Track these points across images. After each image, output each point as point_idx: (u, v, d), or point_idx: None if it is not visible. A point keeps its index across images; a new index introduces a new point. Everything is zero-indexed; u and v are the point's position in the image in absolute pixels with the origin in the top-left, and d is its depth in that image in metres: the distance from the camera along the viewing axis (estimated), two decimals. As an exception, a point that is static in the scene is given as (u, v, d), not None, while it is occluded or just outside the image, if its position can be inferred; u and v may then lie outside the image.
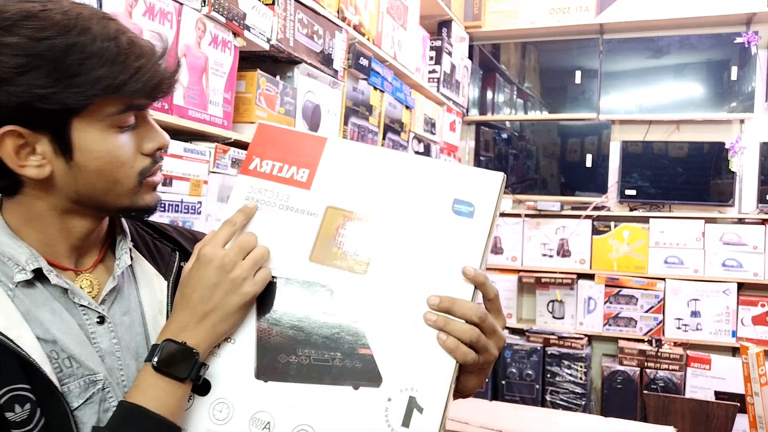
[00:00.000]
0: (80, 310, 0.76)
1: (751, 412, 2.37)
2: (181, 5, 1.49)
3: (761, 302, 3.31)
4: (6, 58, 0.65)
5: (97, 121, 0.71)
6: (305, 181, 0.76)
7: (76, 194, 0.74)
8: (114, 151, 0.72)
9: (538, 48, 3.92)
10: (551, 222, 3.70)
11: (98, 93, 0.68)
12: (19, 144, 0.69)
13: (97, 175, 0.73)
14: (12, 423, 0.65)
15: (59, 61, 0.66)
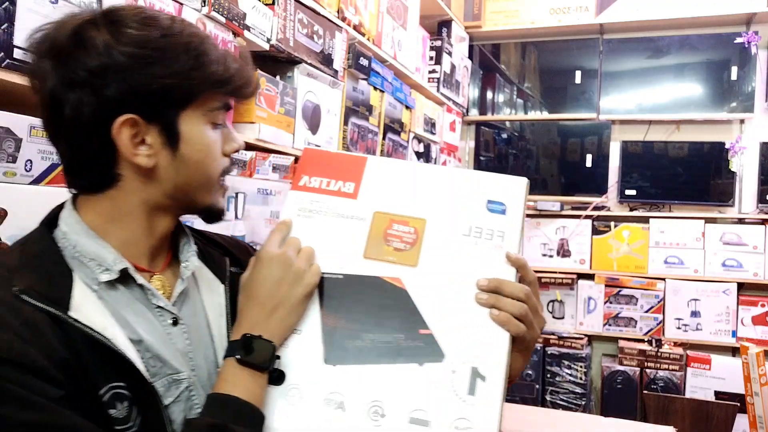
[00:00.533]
0: (156, 311, 0.78)
1: (751, 412, 2.37)
2: (181, 5, 1.49)
3: (761, 302, 3.31)
4: (132, 50, 0.69)
5: (201, 114, 0.76)
6: (352, 193, 0.85)
7: (174, 188, 0.76)
8: (211, 146, 0.77)
9: (538, 48, 3.92)
10: (551, 222, 3.70)
11: (208, 87, 0.74)
12: (132, 133, 0.72)
13: (195, 168, 0.76)
14: (114, 419, 0.68)
15: (177, 57, 0.71)
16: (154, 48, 0.71)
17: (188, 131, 0.75)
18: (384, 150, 2.59)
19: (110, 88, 0.69)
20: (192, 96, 0.74)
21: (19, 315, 0.65)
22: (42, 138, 1.17)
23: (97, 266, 0.74)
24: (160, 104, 0.72)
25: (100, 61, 0.69)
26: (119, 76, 0.69)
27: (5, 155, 1.10)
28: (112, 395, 0.68)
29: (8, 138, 1.10)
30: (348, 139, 2.29)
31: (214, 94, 0.76)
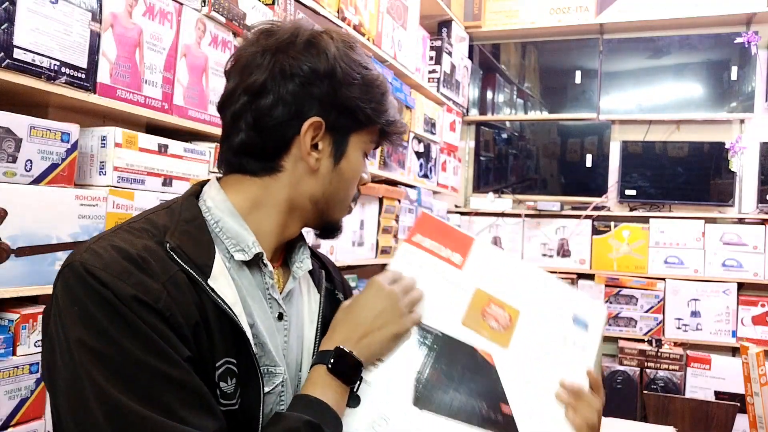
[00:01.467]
0: (269, 303, 0.82)
1: (751, 412, 2.37)
2: (181, 5, 1.49)
3: (761, 302, 3.31)
4: (349, 68, 0.81)
5: (363, 142, 0.85)
6: (459, 264, 0.93)
7: (321, 194, 0.84)
8: (359, 170, 0.87)
9: (538, 48, 3.92)
10: (551, 222, 3.70)
11: (380, 122, 0.84)
12: (313, 135, 0.80)
13: (345, 183, 0.85)
14: (222, 393, 0.72)
15: (372, 89, 0.83)
16: (361, 75, 0.82)
17: (351, 151, 0.84)
18: (384, 150, 2.59)
19: (319, 89, 0.79)
20: (367, 124, 0.84)
21: (167, 270, 0.70)
22: (42, 138, 1.17)
23: (233, 245, 0.79)
24: (344, 120, 0.82)
25: (326, 65, 0.79)
26: (331, 83, 0.80)
27: (5, 155, 1.10)
28: (225, 369, 0.72)
29: (8, 138, 1.10)
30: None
31: (376, 128, 0.86)
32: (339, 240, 2.28)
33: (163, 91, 1.46)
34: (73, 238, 1.21)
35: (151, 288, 0.67)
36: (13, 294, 1.11)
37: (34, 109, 1.25)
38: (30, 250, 1.13)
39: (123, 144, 1.32)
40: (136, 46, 1.38)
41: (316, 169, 0.82)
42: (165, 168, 1.43)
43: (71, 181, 1.23)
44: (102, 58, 1.29)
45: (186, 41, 1.51)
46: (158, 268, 0.70)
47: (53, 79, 1.18)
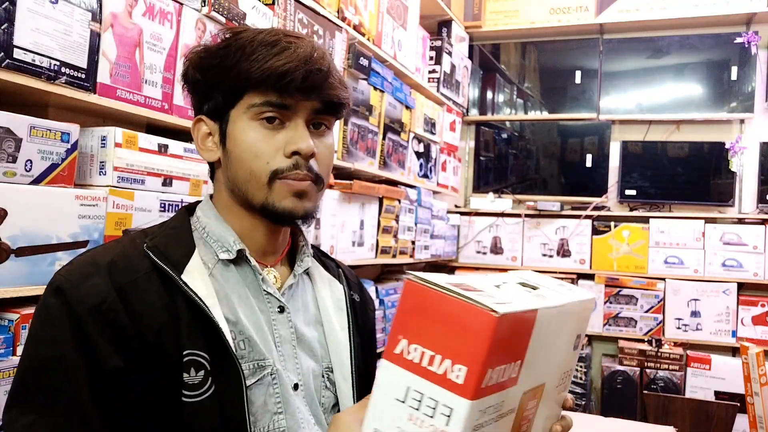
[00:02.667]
0: (265, 297, 0.85)
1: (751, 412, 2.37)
2: (181, 5, 1.49)
3: (761, 302, 3.31)
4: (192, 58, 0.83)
5: (242, 112, 0.81)
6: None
7: (229, 180, 0.84)
8: (253, 142, 0.81)
9: (538, 48, 3.92)
10: (551, 222, 3.70)
11: (247, 84, 0.79)
12: (206, 132, 0.85)
13: (238, 161, 0.81)
14: (184, 383, 0.73)
15: (226, 58, 0.80)
16: (213, 56, 0.81)
17: (234, 128, 0.82)
18: (384, 150, 2.59)
19: (189, 91, 0.86)
20: (235, 94, 0.80)
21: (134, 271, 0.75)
22: (42, 138, 1.17)
23: (219, 246, 0.83)
24: (209, 104, 0.83)
25: (186, 68, 0.84)
26: (186, 81, 0.85)
27: (5, 155, 1.10)
28: (189, 361, 0.74)
29: (8, 138, 1.10)
30: (348, 139, 2.29)
31: (255, 91, 0.79)
32: (339, 240, 2.27)
33: (163, 91, 1.46)
34: (73, 238, 1.21)
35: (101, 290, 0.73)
36: (13, 294, 1.11)
37: (34, 109, 1.25)
38: (30, 250, 1.13)
39: (123, 144, 1.32)
40: (136, 46, 1.38)
41: (215, 159, 0.85)
42: (165, 168, 1.43)
43: (71, 181, 1.23)
44: (102, 58, 1.29)
45: (186, 41, 1.51)
46: (123, 271, 0.75)
47: (53, 79, 1.18)
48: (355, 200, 2.39)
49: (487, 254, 3.81)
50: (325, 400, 0.88)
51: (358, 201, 2.41)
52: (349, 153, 2.30)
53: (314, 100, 0.81)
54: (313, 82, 0.80)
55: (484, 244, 3.81)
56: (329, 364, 0.90)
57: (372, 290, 2.60)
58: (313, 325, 0.90)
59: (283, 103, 0.80)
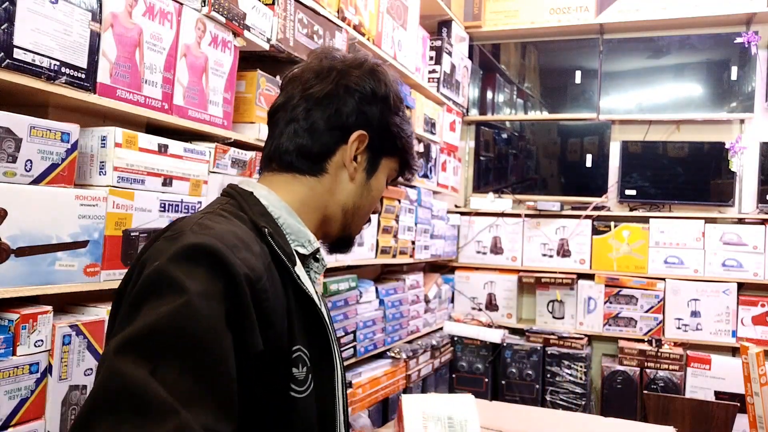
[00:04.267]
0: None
1: (751, 412, 2.37)
2: (181, 5, 1.49)
3: (761, 302, 3.31)
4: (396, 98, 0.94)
5: (390, 167, 0.96)
6: None
7: (353, 204, 0.92)
8: (381, 191, 0.97)
9: (538, 48, 3.92)
10: (551, 222, 3.70)
11: (408, 154, 0.96)
12: (356, 147, 0.90)
13: (371, 199, 0.94)
14: (294, 378, 0.75)
15: (406, 122, 0.96)
16: (402, 109, 0.96)
17: (380, 172, 0.95)
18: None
19: (372, 109, 0.91)
20: (397, 153, 0.95)
21: (265, 254, 0.76)
22: (42, 138, 1.17)
23: (293, 240, 0.85)
24: (382, 142, 0.93)
25: (384, 91, 0.92)
26: (383, 107, 0.92)
27: (5, 155, 1.10)
28: (298, 356, 0.76)
29: (8, 138, 1.10)
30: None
31: (401, 162, 0.97)
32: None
33: (163, 91, 1.46)
34: (73, 238, 1.21)
35: (257, 267, 0.71)
36: (13, 294, 1.11)
37: (34, 109, 1.24)
38: (30, 250, 1.13)
39: (123, 144, 1.32)
40: (136, 46, 1.38)
41: (354, 178, 0.92)
42: (165, 168, 1.43)
43: (71, 181, 1.23)
44: (102, 58, 1.29)
45: (186, 41, 1.51)
46: (262, 256, 0.75)
47: (53, 79, 1.18)
48: (355, 200, 2.38)
49: (487, 254, 3.81)
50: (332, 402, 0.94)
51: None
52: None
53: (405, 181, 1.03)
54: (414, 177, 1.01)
55: (484, 244, 3.81)
56: None
57: (372, 290, 2.60)
58: None
59: (397, 179, 1.00)
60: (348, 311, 2.34)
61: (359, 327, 2.43)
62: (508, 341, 3.51)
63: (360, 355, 2.44)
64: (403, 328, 2.85)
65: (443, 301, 3.53)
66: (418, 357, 2.93)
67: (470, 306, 3.74)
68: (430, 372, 3.10)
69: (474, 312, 3.72)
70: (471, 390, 3.45)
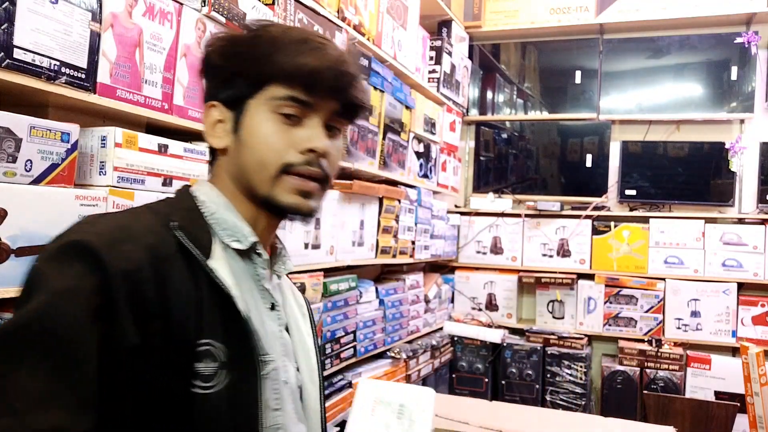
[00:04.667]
0: (261, 293, 0.85)
1: (751, 412, 2.37)
2: (181, 5, 1.49)
3: (761, 302, 3.31)
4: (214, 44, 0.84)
5: (265, 104, 0.81)
6: None
7: (237, 168, 0.83)
8: (264, 134, 0.81)
9: (538, 48, 3.92)
10: (551, 222, 3.70)
11: (272, 78, 0.79)
12: (218, 118, 0.84)
13: (248, 150, 0.81)
14: (196, 373, 0.71)
15: (254, 49, 0.80)
16: (241, 43, 0.82)
17: (250, 118, 0.81)
18: (384, 150, 2.59)
19: (206, 76, 0.86)
20: (258, 84, 0.80)
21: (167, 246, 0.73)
22: (42, 138, 1.17)
23: (228, 235, 0.81)
24: (227, 92, 0.83)
25: (206, 51, 0.85)
26: (206, 66, 0.86)
27: (5, 155, 1.10)
28: (205, 351, 0.72)
29: (8, 138, 1.10)
30: (348, 139, 2.29)
31: (281, 84, 0.80)
32: (339, 240, 2.27)
33: (163, 91, 1.46)
34: (73, 238, 1.21)
35: (138, 258, 0.69)
36: (14, 294, 1.11)
37: (34, 109, 1.24)
38: (30, 250, 1.13)
39: (123, 144, 1.32)
40: (136, 46, 1.38)
41: (223, 147, 0.84)
42: (165, 168, 1.43)
43: (71, 181, 1.23)
44: (102, 58, 1.29)
45: (186, 41, 1.51)
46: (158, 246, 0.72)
47: (53, 79, 1.18)
48: (355, 200, 2.39)
49: (487, 254, 3.81)
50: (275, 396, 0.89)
51: (358, 201, 2.41)
52: (349, 153, 2.30)
53: (336, 101, 0.82)
54: (339, 84, 0.81)
55: (484, 244, 3.81)
56: (297, 366, 0.91)
57: (372, 290, 2.60)
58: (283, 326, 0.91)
59: (306, 100, 0.80)
60: (348, 311, 2.34)
61: (359, 327, 2.43)
62: (508, 341, 3.51)
63: (360, 355, 2.44)
64: (403, 328, 2.85)
65: (443, 301, 3.53)
66: (418, 357, 2.93)
67: (470, 306, 3.74)
68: (430, 372, 3.10)
69: (474, 312, 3.72)
70: (471, 390, 3.45)
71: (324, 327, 2.16)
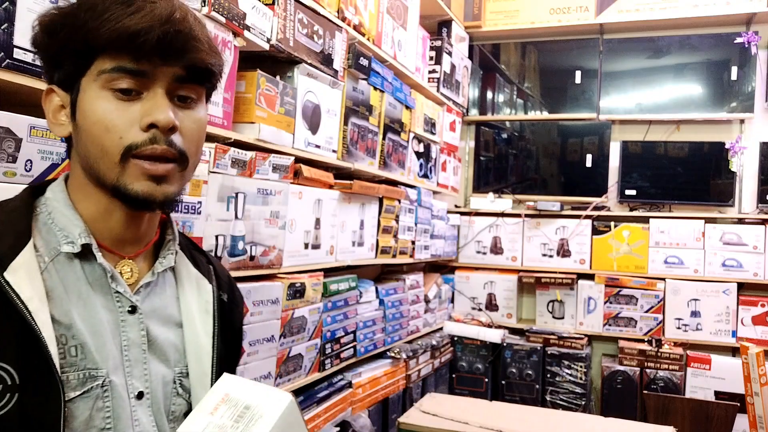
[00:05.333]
0: (114, 296, 0.76)
1: (751, 412, 2.37)
2: (181, 5, 1.49)
3: (761, 302, 3.31)
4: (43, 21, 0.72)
5: (95, 81, 0.71)
6: None
7: (82, 156, 0.74)
8: (103, 114, 0.71)
9: (538, 48, 3.92)
10: (551, 222, 3.70)
11: (92, 49, 0.70)
12: (58, 104, 0.75)
13: (87, 135, 0.72)
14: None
15: (74, 20, 0.70)
16: (64, 16, 0.71)
17: (85, 99, 0.71)
18: (384, 150, 2.59)
19: (40, 59, 0.75)
20: (84, 59, 0.70)
21: None
22: (42, 138, 1.17)
23: (63, 237, 0.73)
24: (57, 73, 0.73)
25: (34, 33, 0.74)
26: (42, 51, 0.74)
27: (5, 155, 1.10)
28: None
29: (8, 138, 1.10)
30: (348, 139, 2.29)
31: (107, 55, 0.70)
32: (339, 240, 2.27)
33: (163, 91, 1.45)
34: (73, 238, 1.21)
35: None
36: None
37: (34, 109, 1.24)
38: (30, 250, 1.13)
39: (123, 144, 1.31)
40: (136, 46, 1.37)
41: (66, 134, 0.75)
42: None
43: (71, 181, 1.23)
44: (102, 58, 1.29)
45: (186, 41, 1.51)
46: None
47: (53, 79, 1.18)
48: (355, 200, 2.39)
49: (487, 254, 3.81)
50: (176, 407, 0.81)
51: (358, 201, 2.41)
52: (349, 153, 2.30)
53: (175, 65, 0.72)
54: (173, 45, 0.70)
55: (484, 244, 3.81)
56: (184, 369, 0.83)
57: (372, 290, 2.60)
58: (171, 326, 0.82)
59: (138, 69, 0.70)
60: (348, 311, 2.34)
61: (359, 327, 2.43)
62: (508, 341, 3.51)
63: (360, 355, 2.44)
64: (403, 328, 2.85)
65: (443, 301, 3.53)
66: (418, 357, 2.93)
67: (470, 306, 3.74)
68: (430, 372, 3.10)
69: (474, 312, 3.72)
70: (471, 390, 3.45)
71: (324, 327, 2.16)
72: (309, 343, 2.06)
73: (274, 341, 1.86)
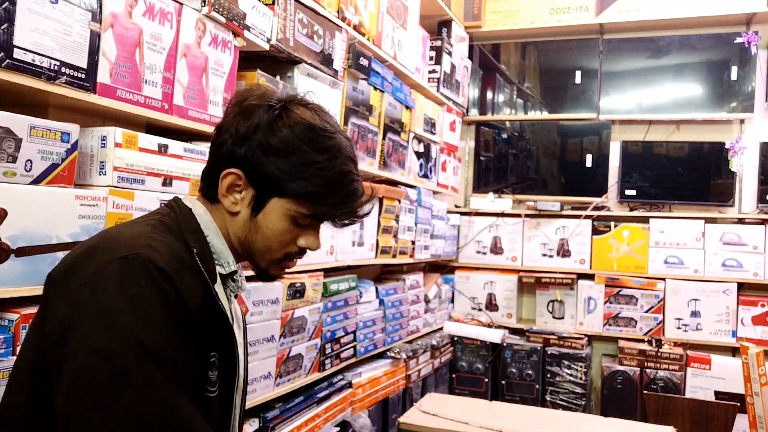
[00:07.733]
0: (233, 310, 0.99)
1: (751, 412, 2.37)
2: (181, 5, 1.49)
3: (761, 302, 3.31)
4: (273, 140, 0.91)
5: (286, 209, 0.93)
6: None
7: (244, 237, 0.96)
8: (281, 232, 0.95)
9: (538, 48, 3.92)
10: (551, 222, 3.70)
11: (309, 203, 0.92)
12: (233, 182, 0.93)
13: (262, 236, 0.95)
14: (209, 380, 0.88)
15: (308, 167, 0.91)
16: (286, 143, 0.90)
17: (271, 211, 0.94)
18: (384, 150, 2.59)
19: (242, 150, 0.91)
20: (293, 195, 0.92)
21: (194, 271, 0.86)
22: (42, 138, 1.17)
23: (216, 259, 0.94)
24: (260, 182, 0.92)
25: (254, 135, 0.91)
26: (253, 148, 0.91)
27: (5, 155, 1.10)
28: (212, 362, 0.88)
29: (8, 138, 1.10)
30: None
31: (310, 208, 0.93)
32: (339, 240, 2.27)
33: (163, 91, 1.46)
34: (73, 238, 1.21)
35: (199, 293, 0.85)
36: (13, 294, 1.11)
37: (34, 109, 1.24)
38: (30, 250, 1.13)
39: (123, 144, 1.32)
40: (136, 46, 1.38)
41: (234, 212, 0.95)
42: (165, 168, 1.43)
43: (71, 181, 1.23)
44: (102, 58, 1.29)
45: (186, 41, 1.51)
46: (198, 275, 0.86)
47: (53, 79, 1.18)
48: (355, 200, 2.38)
49: (487, 254, 3.81)
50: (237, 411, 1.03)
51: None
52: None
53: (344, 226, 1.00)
54: (351, 222, 0.98)
55: (484, 244, 3.81)
56: None
57: (372, 290, 2.60)
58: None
59: (319, 219, 0.96)
60: (348, 311, 2.34)
61: (359, 327, 2.43)
62: (508, 341, 3.51)
63: (360, 355, 2.44)
64: (403, 328, 2.85)
65: (443, 301, 3.53)
66: (418, 357, 2.93)
67: (470, 306, 3.74)
68: (430, 372, 3.10)
69: (474, 312, 3.72)
70: (471, 390, 3.45)
71: (324, 327, 2.16)
72: (309, 343, 2.06)
73: (274, 341, 1.86)
